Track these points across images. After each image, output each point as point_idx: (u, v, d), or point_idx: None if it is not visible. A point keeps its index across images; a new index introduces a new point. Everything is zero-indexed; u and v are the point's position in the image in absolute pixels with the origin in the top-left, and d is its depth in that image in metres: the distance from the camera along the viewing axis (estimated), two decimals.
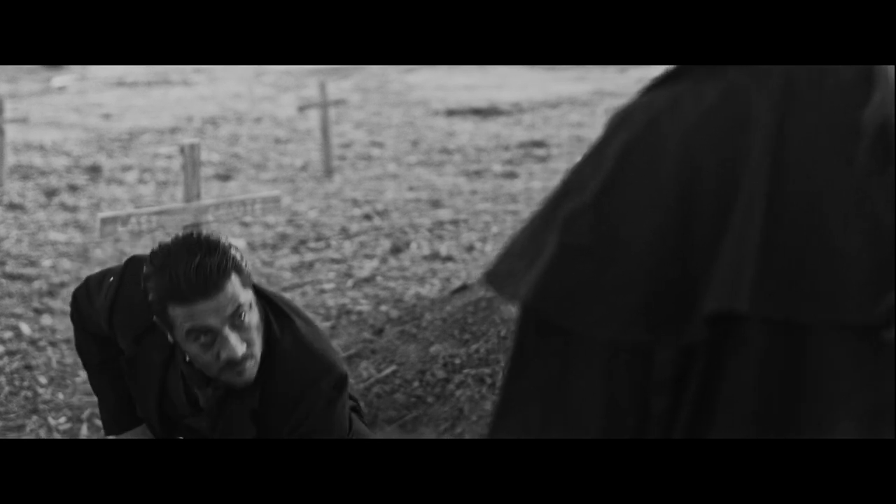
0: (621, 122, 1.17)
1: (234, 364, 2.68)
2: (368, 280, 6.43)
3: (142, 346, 2.89)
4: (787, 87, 1.13)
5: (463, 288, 5.69)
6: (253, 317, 2.71)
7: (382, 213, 8.06)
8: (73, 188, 8.94)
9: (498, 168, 9.69)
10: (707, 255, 1.13)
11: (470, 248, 7.13)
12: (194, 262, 2.60)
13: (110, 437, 3.15)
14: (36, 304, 6.07)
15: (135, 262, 2.92)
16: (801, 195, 1.12)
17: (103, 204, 8.42)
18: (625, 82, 14.31)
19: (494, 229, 7.58)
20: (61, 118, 12.28)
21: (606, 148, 1.17)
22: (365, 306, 5.86)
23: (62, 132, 11.45)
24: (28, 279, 6.53)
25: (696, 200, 1.13)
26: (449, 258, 6.90)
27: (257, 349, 2.72)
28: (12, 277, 6.56)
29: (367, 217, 7.91)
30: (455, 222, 7.77)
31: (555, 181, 9.08)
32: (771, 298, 1.10)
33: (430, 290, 6.21)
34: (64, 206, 8.34)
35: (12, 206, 8.33)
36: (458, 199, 8.53)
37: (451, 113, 12.52)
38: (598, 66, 15.72)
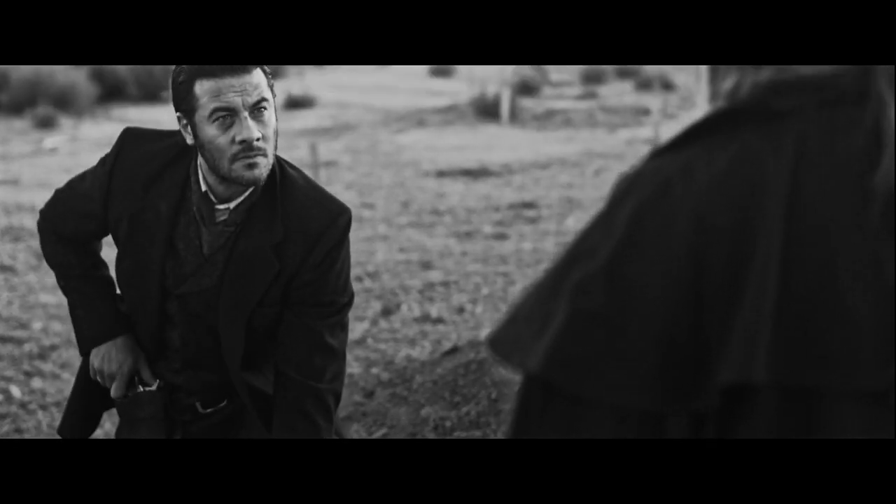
0: (630, 186, 1.17)
1: (248, 150, 2.77)
2: (359, 342, 6.42)
3: (147, 196, 2.94)
4: (799, 152, 1.14)
5: (454, 350, 5.68)
6: (272, 119, 2.83)
7: (373, 275, 8.06)
8: None
9: (488, 229, 9.71)
10: (721, 321, 1.13)
11: (461, 310, 7.13)
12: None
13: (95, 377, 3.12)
14: (26, 366, 6.05)
15: (131, 129, 3.03)
16: (814, 260, 1.12)
17: None
18: (614, 143, 14.39)
19: (485, 291, 7.58)
20: (52, 179, 12.29)
21: (616, 213, 1.17)
22: (356, 369, 5.84)
23: (51, 192, 11.46)
24: (18, 342, 6.51)
25: (710, 265, 1.14)
26: (439, 320, 6.90)
27: (270, 150, 2.83)
28: (2, 340, 6.54)
29: (358, 279, 7.92)
30: (446, 284, 7.78)
31: (545, 242, 9.12)
32: (786, 365, 1.11)
33: (421, 352, 6.20)
34: None
35: (3, 269, 8.32)
36: (448, 260, 8.54)
37: (441, 174, 12.57)
38: (587, 129, 15.81)
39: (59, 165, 13.24)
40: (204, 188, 2.89)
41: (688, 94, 19.51)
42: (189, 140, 2.84)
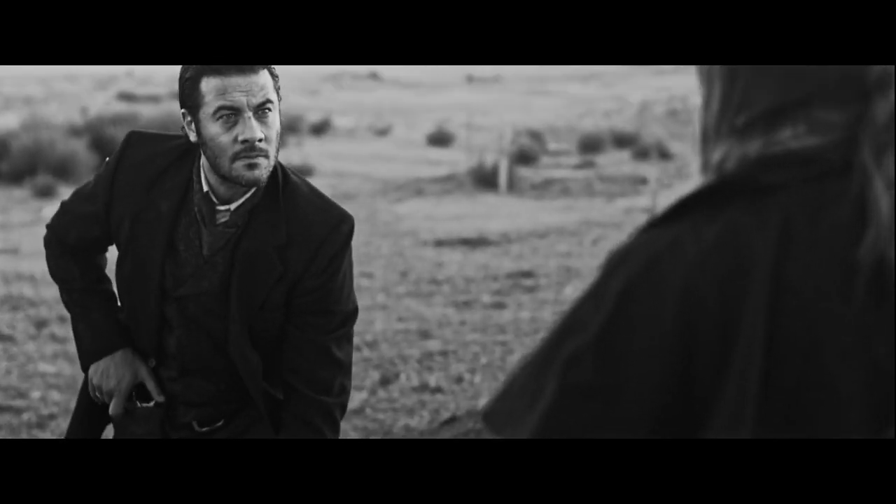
0: (620, 261, 1.20)
1: (250, 150, 2.78)
2: (357, 412, 6.41)
3: (150, 197, 2.94)
4: (784, 226, 1.16)
5: (452, 420, 5.68)
6: (275, 121, 2.84)
7: (371, 344, 8.07)
8: (62, 319, 8.95)
9: (486, 298, 9.73)
10: (709, 395, 1.15)
11: (459, 380, 7.13)
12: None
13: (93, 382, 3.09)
14: (25, 436, 6.04)
15: (135, 132, 3.06)
16: (800, 335, 1.14)
17: None
18: (612, 212, 14.45)
19: (483, 360, 7.59)
20: None
21: (606, 287, 1.19)
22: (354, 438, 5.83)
23: None
24: (17, 411, 6.50)
25: (698, 340, 1.16)
26: (438, 389, 6.89)
27: (272, 152, 2.83)
28: (1, 409, 6.53)
29: (357, 348, 7.92)
30: (444, 353, 7.78)
31: (544, 312, 9.13)
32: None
33: (420, 421, 6.19)
34: (54, 338, 8.34)
35: (2, 338, 8.32)
36: (446, 329, 8.55)
37: (439, 243, 12.62)
38: (584, 198, 15.87)
39: None
40: (206, 188, 2.90)
41: (685, 164, 19.60)
42: (192, 137, 2.86)
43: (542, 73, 47.85)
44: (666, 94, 33.84)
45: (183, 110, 2.87)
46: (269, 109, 2.81)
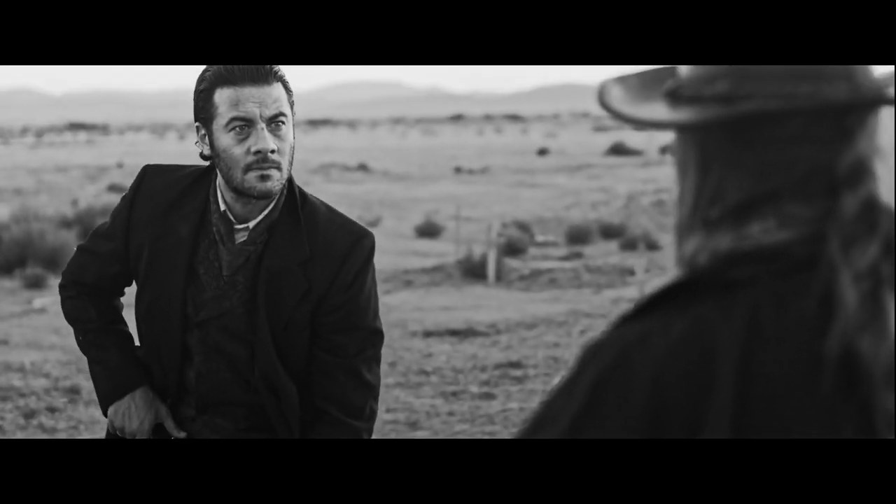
0: (592, 355, 1.23)
1: (262, 162, 2.78)
2: None
3: (168, 222, 2.93)
4: (751, 320, 1.18)
5: None
6: (289, 136, 2.85)
7: None
8: (51, 410, 8.94)
9: (475, 389, 9.74)
10: None
11: None
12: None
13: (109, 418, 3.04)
14: None
15: (151, 165, 3.07)
16: (766, 426, 1.17)
17: (82, 426, 8.41)
18: (600, 302, 14.49)
19: None
20: (41, 339, 12.33)
21: (578, 381, 1.22)
22: None
23: (42, 353, 11.49)
24: None
25: (667, 431, 1.18)
26: None
27: (285, 165, 2.83)
28: None
29: None
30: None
31: (532, 402, 9.11)
32: None
33: None
34: (43, 428, 8.32)
35: None
36: (435, 420, 8.55)
37: (428, 334, 12.63)
38: (572, 288, 15.92)
39: (48, 325, 13.28)
40: (223, 208, 2.89)
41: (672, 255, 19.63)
42: (206, 150, 2.86)
43: (530, 164, 48.15)
44: (653, 185, 34.06)
45: (196, 123, 2.89)
46: (283, 122, 2.83)
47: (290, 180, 2.93)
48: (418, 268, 18.20)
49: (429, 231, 23.86)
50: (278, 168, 2.82)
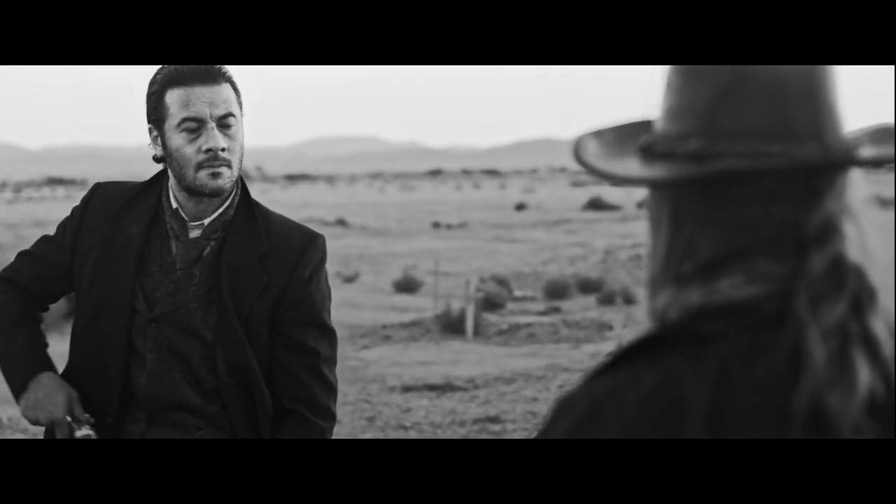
0: (564, 408, 1.25)
1: (213, 160, 2.85)
2: None
3: (119, 223, 2.97)
4: (721, 373, 1.20)
5: None
6: (238, 135, 2.92)
7: None
8: None
9: None
10: None
11: None
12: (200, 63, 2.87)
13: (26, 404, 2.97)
14: None
15: (101, 182, 3.13)
16: None
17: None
18: (578, 357, 14.50)
19: None
20: None
21: (550, 433, 1.24)
22: None
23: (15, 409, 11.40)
24: None
25: None
26: None
27: (235, 163, 2.90)
28: None
29: None
30: None
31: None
32: None
33: None
34: None
35: None
36: None
37: (406, 389, 12.61)
38: (550, 343, 15.93)
39: None
40: (175, 205, 2.96)
41: None
42: (158, 152, 2.94)
43: (508, 219, 48.27)
44: (630, 240, 34.18)
45: (149, 126, 2.96)
46: (232, 122, 2.91)
47: (241, 180, 3.03)
48: (397, 322, 18.18)
49: (407, 286, 23.87)
50: (228, 166, 2.90)
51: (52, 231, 3.15)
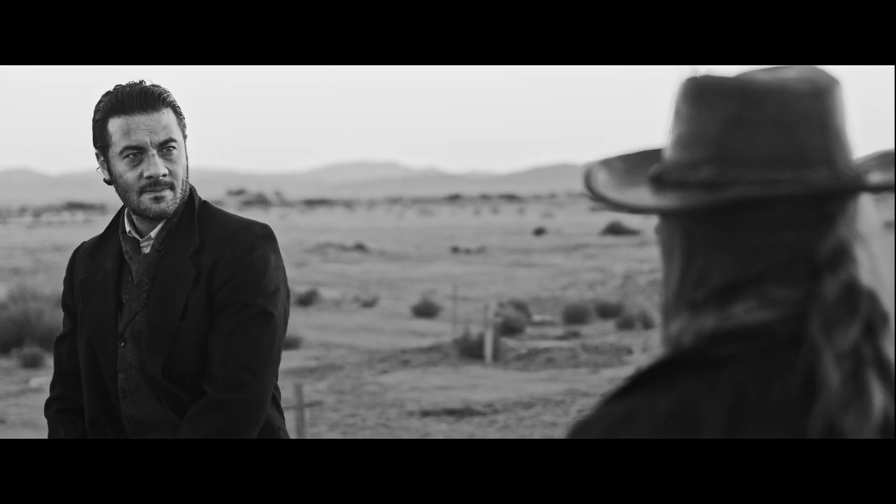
0: (579, 433, 1.26)
1: (155, 185, 2.94)
2: None
3: (96, 261, 3.11)
4: (736, 397, 1.21)
5: None
6: (181, 158, 3.00)
7: None
8: None
9: None
10: None
11: None
12: (138, 85, 2.97)
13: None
14: None
15: (83, 242, 3.25)
16: None
17: None
18: (597, 382, 14.46)
19: None
20: (39, 419, 12.29)
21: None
22: None
23: (39, 432, 11.45)
24: None
25: None
26: None
27: (178, 185, 3.00)
28: None
29: None
30: None
31: None
32: None
33: None
34: None
35: None
36: None
37: (425, 414, 12.60)
38: (569, 368, 15.90)
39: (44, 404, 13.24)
40: (129, 229, 3.07)
41: None
42: (106, 176, 3.06)
43: (527, 244, 48.23)
44: (649, 265, 34.12)
45: (96, 151, 3.06)
46: (174, 147, 2.99)
47: (192, 190, 3.11)
48: (415, 347, 18.17)
49: (426, 311, 23.86)
50: (171, 188, 3.00)
51: (69, 253, 3.29)
